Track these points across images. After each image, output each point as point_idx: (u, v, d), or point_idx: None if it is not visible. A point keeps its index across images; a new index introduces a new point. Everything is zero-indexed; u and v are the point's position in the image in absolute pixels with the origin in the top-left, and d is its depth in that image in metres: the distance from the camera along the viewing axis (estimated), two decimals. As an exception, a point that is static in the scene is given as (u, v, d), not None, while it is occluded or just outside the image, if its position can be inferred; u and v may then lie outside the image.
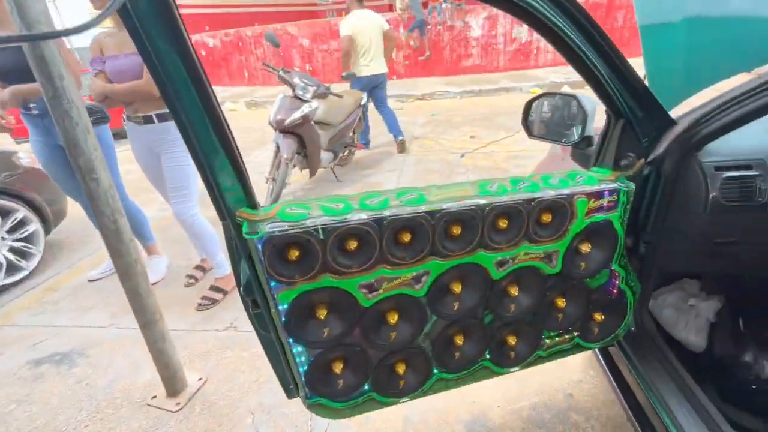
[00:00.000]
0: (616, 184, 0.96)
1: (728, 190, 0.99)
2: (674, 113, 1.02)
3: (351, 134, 3.99)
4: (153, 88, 1.85)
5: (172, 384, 1.58)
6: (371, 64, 3.95)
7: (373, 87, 4.11)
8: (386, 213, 0.80)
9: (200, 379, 1.63)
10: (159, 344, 1.51)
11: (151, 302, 1.44)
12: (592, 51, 0.85)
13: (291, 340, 0.88)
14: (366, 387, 0.99)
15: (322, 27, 9.86)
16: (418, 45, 9.95)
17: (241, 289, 0.87)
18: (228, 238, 0.84)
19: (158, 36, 0.60)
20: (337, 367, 0.94)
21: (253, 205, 0.79)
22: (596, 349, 1.34)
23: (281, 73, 3.10)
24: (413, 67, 10.36)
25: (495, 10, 9.83)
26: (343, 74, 3.41)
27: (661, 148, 0.99)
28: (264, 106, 7.97)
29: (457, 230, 0.86)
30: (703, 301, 1.35)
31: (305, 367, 0.91)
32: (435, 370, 1.03)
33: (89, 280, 2.49)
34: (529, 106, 1.18)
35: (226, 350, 1.75)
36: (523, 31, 9.83)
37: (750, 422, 1.11)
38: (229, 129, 0.72)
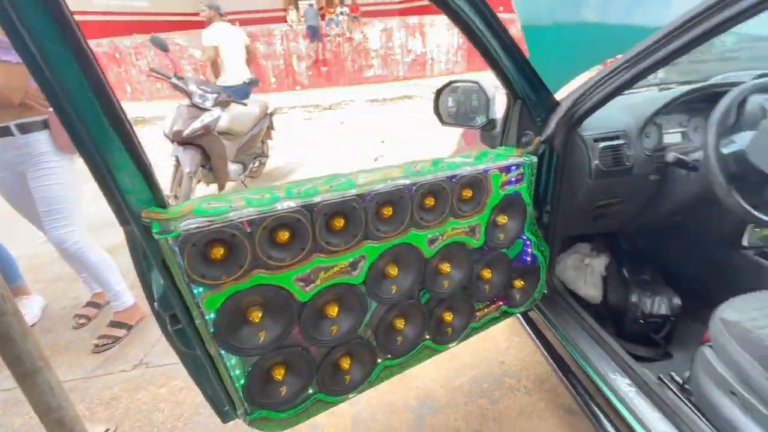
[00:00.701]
0: (521, 159, 1.06)
1: (605, 157, 1.17)
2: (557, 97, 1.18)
3: (260, 144, 3.81)
4: (12, 91, 1.53)
5: (70, 444, 1.31)
6: (236, 75, 3.96)
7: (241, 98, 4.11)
8: (317, 199, 0.77)
9: (107, 430, 1.38)
10: (46, 398, 1.23)
11: (29, 347, 1.17)
12: (495, 41, 0.95)
13: (223, 352, 0.79)
14: (311, 390, 0.94)
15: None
16: (315, 53, 10.00)
17: (155, 304, 0.76)
18: (133, 246, 0.72)
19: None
20: (278, 374, 0.87)
21: (161, 204, 0.70)
22: (520, 316, 1.47)
23: (174, 80, 2.83)
24: (316, 78, 10.36)
25: (390, 23, 10.36)
26: (245, 80, 3.25)
27: (551, 127, 1.13)
28: (153, 122, 7.20)
29: (388, 211, 0.87)
30: (594, 259, 1.58)
31: (242, 381, 0.83)
32: (379, 359, 1.02)
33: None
34: (438, 95, 1.25)
35: (138, 391, 1.51)
36: (417, 43, 10.54)
37: (640, 350, 1.32)
38: (128, 120, 0.62)
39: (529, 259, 1.22)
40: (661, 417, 0.94)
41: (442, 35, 10.59)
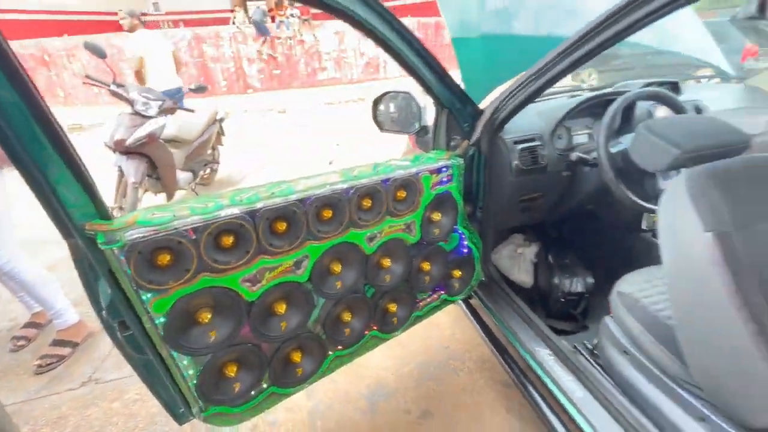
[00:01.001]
0: (450, 161, 1.18)
1: (523, 157, 1.33)
2: (484, 104, 1.32)
3: (210, 151, 3.74)
4: None
5: (15, 469, 1.26)
6: (164, 84, 3.89)
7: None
8: (259, 205, 0.84)
9: (56, 450, 1.35)
10: (-14, 423, 1.19)
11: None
12: (418, 60, 1.06)
13: (175, 354, 0.83)
14: (264, 384, 1.00)
15: (158, 39, 8.87)
16: (268, 53, 9.84)
17: (104, 313, 0.79)
18: (78, 258, 0.75)
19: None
20: (231, 371, 0.93)
21: (105, 216, 0.74)
22: (462, 304, 1.60)
23: (113, 87, 2.72)
24: (269, 80, 10.19)
25: (343, 26, 10.42)
26: (192, 86, 3.18)
27: (478, 132, 1.27)
28: (92, 129, 6.76)
29: (328, 214, 0.95)
30: (526, 248, 1.75)
31: (195, 380, 0.88)
32: (330, 351, 1.10)
33: None
34: (375, 104, 1.35)
35: (88, 408, 1.48)
36: (370, 46, 10.67)
37: (563, 325, 1.50)
38: (64, 132, 0.66)
39: (465, 251, 1.35)
40: (573, 379, 1.09)
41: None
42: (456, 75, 1.35)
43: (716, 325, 0.76)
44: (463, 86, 1.53)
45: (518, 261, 1.73)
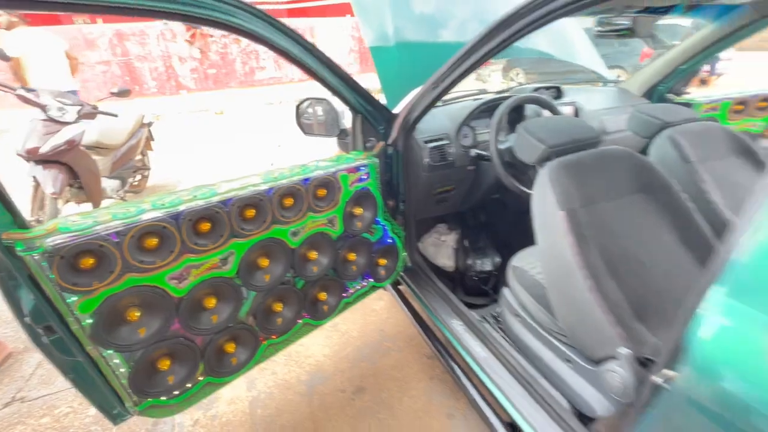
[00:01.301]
0: (366, 161, 1.32)
1: (433, 154, 1.50)
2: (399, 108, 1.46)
3: (140, 157, 3.58)
4: None
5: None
6: (55, 84, 3.53)
7: None
8: (182, 208, 0.91)
9: (-21, 475, 1.29)
10: None
11: None
12: (327, 72, 1.17)
13: (107, 352, 0.88)
14: (199, 375, 1.06)
15: (74, 36, 8.16)
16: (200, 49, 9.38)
17: (27, 318, 0.82)
18: None
19: None
20: (164, 364, 0.99)
21: (22, 225, 0.77)
22: (392, 290, 1.76)
23: (21, 92, 2.53)
24: (203, 80, 9.75)
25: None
26: (114, 89, 3.02)
27: (394, 132, 1.41)
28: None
29: (251, 213, 1.04)
30: (448, 236, 1.95)
31: (128, 376, 0.93)
32: (263, 340, 1.18)
33: None
34: (297, 109, 1.45)
35: (14, 427, 1.43)
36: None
37: (478, 300, 1.70)
38: None
39: (389, 241, 1.49)
40: (479, 344, 1.28)
41: (335, 37, 10.80)
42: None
43: (568, 282, 0.97)
44: (382, 91, 1.68)
45: (441, 248, 1.92)
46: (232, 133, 6.02)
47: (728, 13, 1.49)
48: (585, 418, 1.02)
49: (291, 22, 10.42)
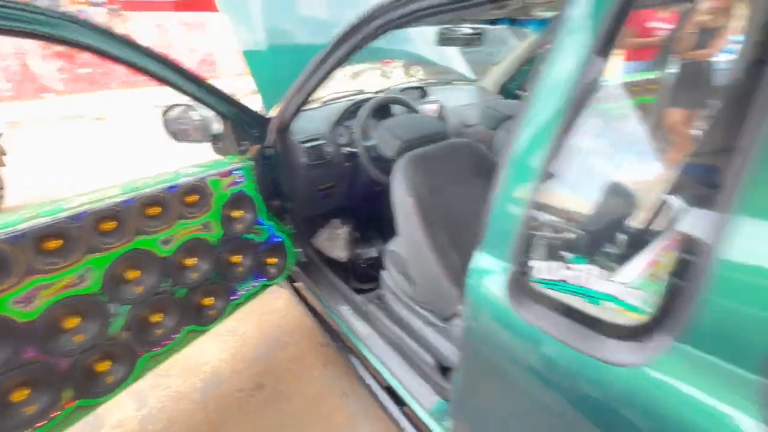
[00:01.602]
0: (240, 164, 1.36)
1: (310, 154, 1.58)
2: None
3: (-9, 173, 3.07)
4: None
5: None
6: None
7: None
8: (22, 227, 0.87)
9: None
10: None
11: None
12: (188, 84, 1.18)
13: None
14: (65, 400, 1.00)
15: None
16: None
17: None
18: None
19: None
20: (21, 395, 0.93)
21: None
22: (288, 286, 1.81)
23: None
24: (74, 81, 8.53)
25: (167, 17, 9.38)
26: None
27: (272, 135, 1.47)
28: None
29: (110, 225, 1.02)
30: (341, 229, 2.06)
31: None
32: (142, 353, 1.16)
33: None
34: (164, 116, 1.42)
35: None
36: (201, 40, 9.88)
37: (368, 285, 1.84)
38: None
39: (277, 239, 1.54)
40: (363, 323, 1.42)
41: (229, 33, 10.20)
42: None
43: (421, 257, 1.13)
44: (259, 95, 1.71)
45: (336, 241, 2.03)
46: (115, 140, 5.42)
47: (544, 26, 1.82)
48: (446, 369, 1.21)
49: (179, 17, 9.62)
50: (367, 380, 1.33)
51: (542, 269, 0.60)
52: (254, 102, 1.66)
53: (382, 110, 1.66)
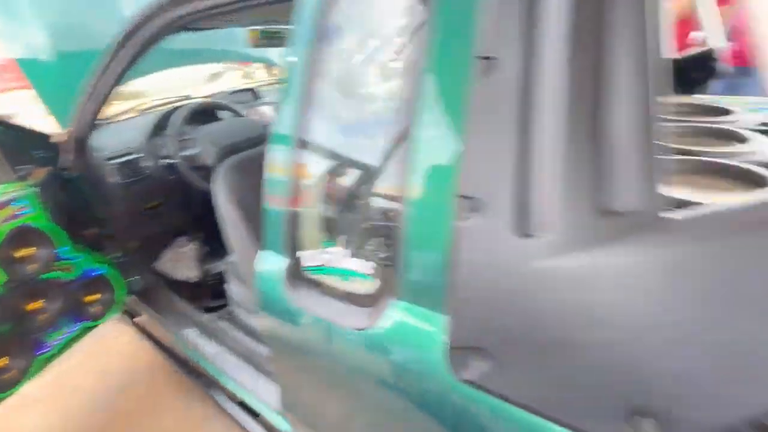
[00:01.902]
0: (19, 192, 1.14)
1: (122, 171, 1.42)
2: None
3: None
4: None
5: None
6: None
7: None
8: None
9: None
10: None
11: None
12: None
13: None
14: None
15: None
16: None
17: None
18: None
19: None
20: None
21: None
22: (129, 321, 1.61)
23: None
24: None
25: None
26: None
27: (66, 155, 1.26)
28: None
29: None
30: (188, 247, 1.90)
31: None
32: None
33: None
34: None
35: None
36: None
37: (219, 302, 1.73)
38: None
39: (94, 273, 1.34)
40: (210, 342, 1.34)
41: None
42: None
43: (246, 256, 1.10)
44: (48, 111, 1.45)
45: (181, 260, 1.86)
46: None
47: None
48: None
49: None
50: (216, 398, 1.27)
51: (308, 257, 0.64)
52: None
53: (205, 116, 1.57)
